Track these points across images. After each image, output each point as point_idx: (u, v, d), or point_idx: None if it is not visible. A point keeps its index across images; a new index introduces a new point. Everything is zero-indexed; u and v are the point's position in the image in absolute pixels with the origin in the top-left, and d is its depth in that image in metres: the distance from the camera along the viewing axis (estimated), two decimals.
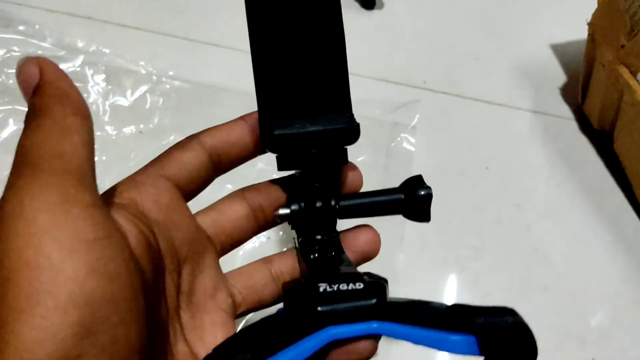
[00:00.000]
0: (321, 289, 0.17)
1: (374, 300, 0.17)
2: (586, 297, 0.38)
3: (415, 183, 0.23)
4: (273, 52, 0.21)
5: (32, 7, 0.47)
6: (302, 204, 0.22)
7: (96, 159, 0.41)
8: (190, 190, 0.21)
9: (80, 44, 0.44)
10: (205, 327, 0.20)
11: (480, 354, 0.16)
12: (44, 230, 0.14)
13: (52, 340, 0.14)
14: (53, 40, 0.44)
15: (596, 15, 0.42)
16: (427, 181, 0.23)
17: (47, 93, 0.16)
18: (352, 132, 0.22)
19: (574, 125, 0.46)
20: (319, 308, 0.17)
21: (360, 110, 0.22)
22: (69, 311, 0.14)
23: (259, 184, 0.23)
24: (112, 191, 0.19)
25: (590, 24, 0.42)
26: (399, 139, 0.42)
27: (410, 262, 0.38)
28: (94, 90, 0.42)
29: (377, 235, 0.23)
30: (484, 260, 0.39)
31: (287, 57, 0.21)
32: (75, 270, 0.14)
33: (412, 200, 0.22)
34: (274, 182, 0.23)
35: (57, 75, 0.17)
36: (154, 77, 0.43)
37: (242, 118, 0.22)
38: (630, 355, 0.36)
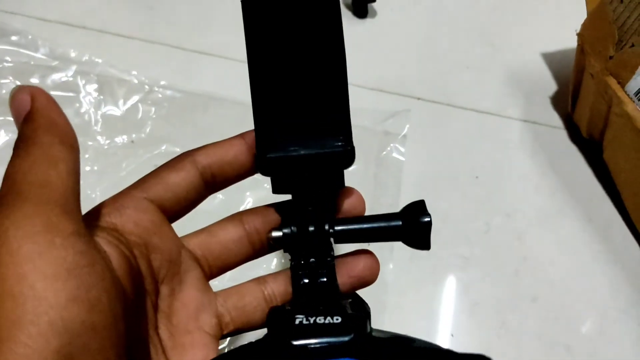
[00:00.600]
0: (297, 321, 0.17)
1: (349, 337, 0.17)
2: (574, 307, 0.38)
3: (416, 209, 0.22)
4: (271, 74, 0.21)
5: (25, 15, 0.47)
6: (295, 228, 0.22)
7: (88, 168, 0.42)
8: (177, 210, 0.21)
9: (72, 54, 0.44)
10: (186, 347, 0.20)
11: None
12: (28, 260, 0.15)
13: None
14: (46, 51, 0.44)
15: (585, 26, 0.42)
16: (417, 190, 0.23)
17: (36, 121, 0.17)
18: (347, 155, 0.21)
19: (563, 134, 0.46)
20: (293, 342, 0.17)
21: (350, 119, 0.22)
22: (50, 339, 0.14)
23: (258, 207, 0.23)
24: (95, 213, 0.19)
25: (579, 35, 0.43)
26: (389, 148, 0.42)
27: (399, 271, 0.38)
28: (86, 100, 0.42)
29: (376, 261, 0.23)
30: (474, 270, 0.39)
31: (285, 80, 0.21)
32: (57, 298, 0.15)
33: (412, 227, 0.22)
34: (273, 205, 0.23)
35: (48, 104, 0.17)
36: (146, 87, 0.44)
37: (241, 136, 0.22)
38: None
